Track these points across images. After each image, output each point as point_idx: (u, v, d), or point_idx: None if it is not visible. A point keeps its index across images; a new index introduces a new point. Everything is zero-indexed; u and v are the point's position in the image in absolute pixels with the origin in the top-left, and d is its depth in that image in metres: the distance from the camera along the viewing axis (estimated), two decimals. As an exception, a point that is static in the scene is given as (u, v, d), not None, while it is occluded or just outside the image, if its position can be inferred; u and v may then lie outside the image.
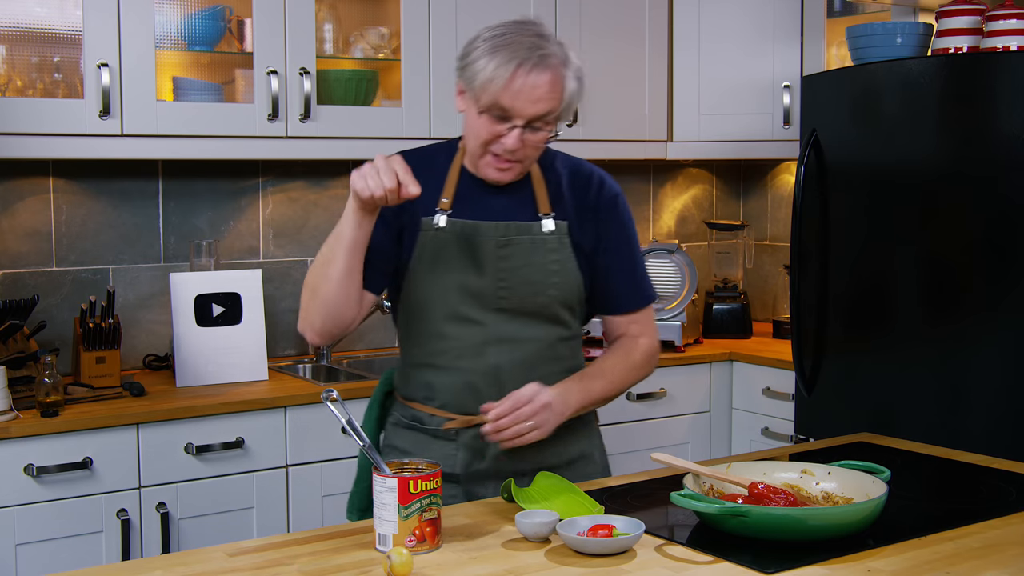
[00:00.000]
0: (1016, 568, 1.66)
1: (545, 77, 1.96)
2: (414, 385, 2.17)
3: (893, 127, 3.19)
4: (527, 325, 2.11)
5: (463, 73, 2.03)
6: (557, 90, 1.99)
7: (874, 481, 1.88)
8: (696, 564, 1.68)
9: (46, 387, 2.76)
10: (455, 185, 2.12)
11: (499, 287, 2.08)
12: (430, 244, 2.09)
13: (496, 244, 2.08)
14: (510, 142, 2.00)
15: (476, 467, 2.13)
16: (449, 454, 2.13)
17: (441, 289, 2.09)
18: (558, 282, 2.11)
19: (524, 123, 1.99)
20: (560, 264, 2.11)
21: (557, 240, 2.11)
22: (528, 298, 2.09)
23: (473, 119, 2.03)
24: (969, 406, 3.01)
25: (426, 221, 2.09)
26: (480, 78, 1.97)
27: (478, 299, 2.08)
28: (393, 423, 2.24)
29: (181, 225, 3.48)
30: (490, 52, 1.97)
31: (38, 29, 3.05)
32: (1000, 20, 3.12)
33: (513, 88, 1.95)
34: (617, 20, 3.81)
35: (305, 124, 3.26)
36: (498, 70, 1.95)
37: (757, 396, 3.76)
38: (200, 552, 1.75)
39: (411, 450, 2.16)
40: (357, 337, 3.77)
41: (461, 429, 2.12)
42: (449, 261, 2.08)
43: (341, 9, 3.52)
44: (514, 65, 1.95)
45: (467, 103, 2.04)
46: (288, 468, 3.03)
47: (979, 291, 3.00)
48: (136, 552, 2.81)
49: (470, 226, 2.08)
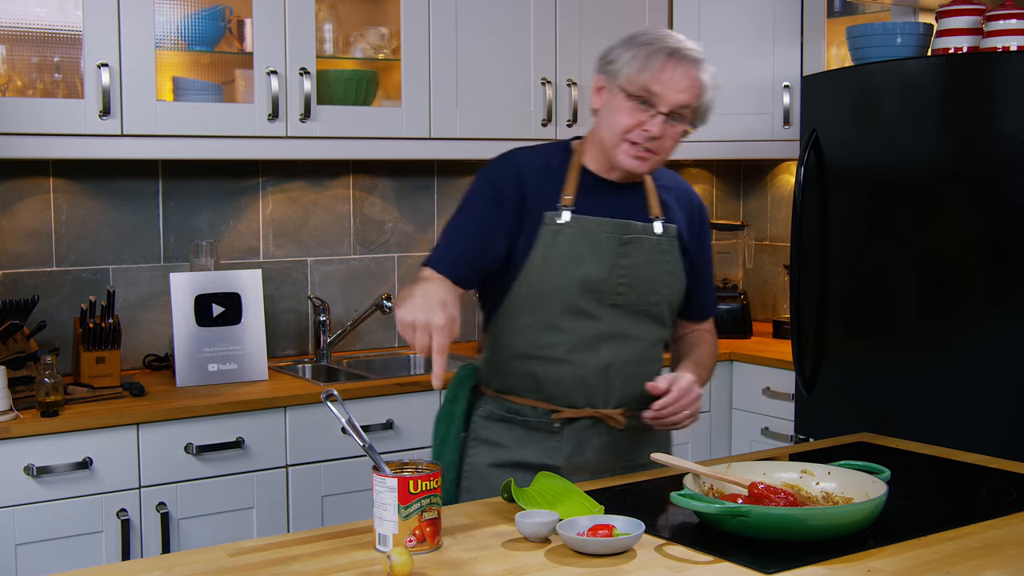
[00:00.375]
0: (1016, 568, 1.66)
1: (691, 70, 2.10)
2: (514, 378, 2.22)
3: (893, 127, 3.19)
4: (637, 323, 2.20)
5: (608, 68, 2.15)
6: (699, 85, 2.11)
7: (874, 481, 1.88)
8: (696, 564, 1.68)
9: (46, 387, 2.76)
10: (576, 183, 2.19)
11: (617, 283, 2.17)
12: (551, 238, 2.15)
13: (618, 241, 2.17)
14: (654, 128, 2.09)
15: (577, 459, 2.20)
16: (551, 446, 2.20)
17: (560, 282, 2.15)
18: (670, 282, 2.23)
19: (667, 111, 2.09)
20: (671, 265, 2.23)
21: (668, 242, 2.23)
22: (642, 296, 2.19)
23: (615, 110, 2.13)
24: (969, 406, 3.01)
25: (548, 216, 2.16)
26: (632, 65, 2.09)
27: (596, 294, 2.16)
28: (483, 416, 2.27)
29: (181, 225, 3.48)
30: (640, 45, 2.11)
31: (38, 29, 3.05)
32: (1000, 20, 3.13)
33: (663, 76, 2.08)
34: (617, 20, 3.81)
35: (305, 124, 3.26)
36: (650, 58, 2.09)
37: (757, 396, 3.76)
38: (200, 552, 1.75)
39: (505, 443, 2.22)
40: (357, 337, 3.77)
41: (566, 422, 2.19)
42: (570, 255, 2.15)
43: (341, 9, 3.53)
44: (665, 55, 2.09)
45: (608, 97, 2.15)
46: (288, 468, 3.03)
47: (979, 291, 3.00)
48: (136, 552, 2.81)
49: (593, 222, 2.16)
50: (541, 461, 2.20)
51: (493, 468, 2.22)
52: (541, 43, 3.66)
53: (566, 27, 3.70)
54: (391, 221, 3.85)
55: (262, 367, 3.24)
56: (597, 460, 2.21)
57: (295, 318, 3.69)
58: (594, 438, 2.21)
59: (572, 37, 3.71)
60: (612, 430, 2.22)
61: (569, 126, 3.69)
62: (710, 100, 2.14)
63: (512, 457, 2.21)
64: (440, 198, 3.93)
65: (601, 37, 3.77)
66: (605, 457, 2.22)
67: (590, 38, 3.75)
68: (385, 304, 3.62)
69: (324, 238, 3.73)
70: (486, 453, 2.24)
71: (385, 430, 3.16)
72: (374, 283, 3.82)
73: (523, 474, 2.16)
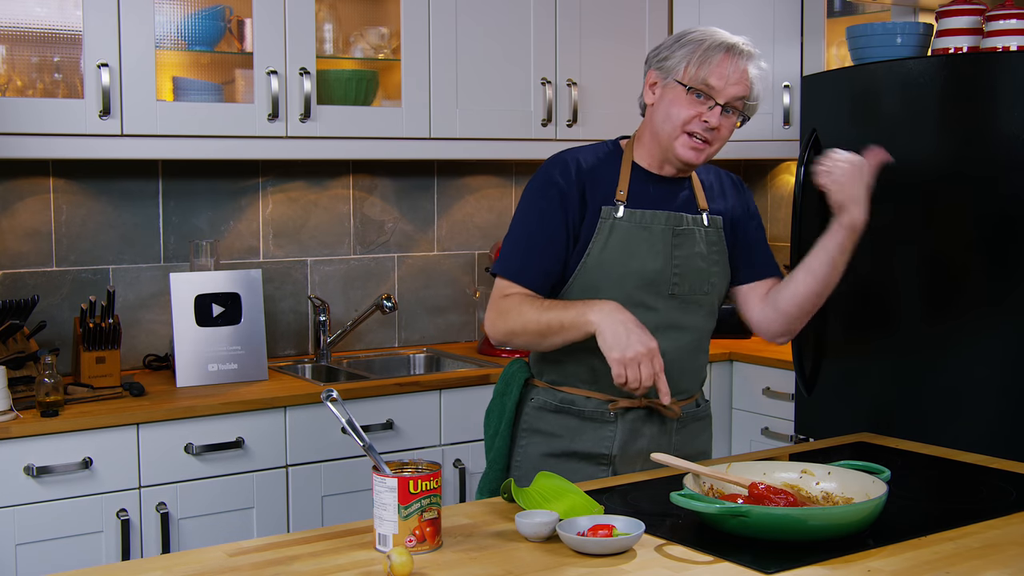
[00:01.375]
0: (1016, 568, 1.66)
1: (748, 65, 2.19)
2: (570, 369, 2.27)
3: (893, 127, 3.19)
4: (691, 313, 2.28)
5: (663, 64, 2.22)
6: (754, 79, 2.20)
7: (874, 481, 1.88)
8: (696, 564, 1.68)
9: (46, 387, 2.76)
10: (628, 179, 2.25)
11: (673, 273, 2.24)
12: (608, 232, 2.21)
13: (672, 233, 2.25)
14: (712, 119, 2.18)
15: (630, 449, 2.26)
16: (605, 436, 2.26)
17: (619, 275, 2.21)
18: (718, 271, 2.31)
19: (724, 103, 2.17)
20: (719, 256, 2.31)
21: (716, 233, 2.31)
22: (695, 286, 2.27)
23: (672, 103, 2.20)
24: (969, 406, 3.01)
25: (606, 210, 2.22)
26: (689, 63, 2.18)
27: (653, 285, 2.22)
28: (536, 407, 2.31)
29: (181, 225, 3.48)
30: (698, 40, 2.20)
31: (38, 29, 3.05)
32: (1000, 20, 3.12)
33: (722, 69, 2.17)
34: (617, 20, 3.81)
35: (305, 124, 3.26)
36: (708, 53, 2.17)
37: (757, 396, 3.76)
38: (200, 552, 1.75)
39: (560, 433, 2.27)
40: (357, 338, 3.77)
41: (620, 411, 2.25)
42: (627, 248, 2.21)
43: (341, 9, 3.53)
44: (723, 50, 2.18)
45: (663, 91, 2.22)
46: (288, 468, 3.03)
47: (979, 291, 3.00)
48: (136, 552, 2.81)
49: (648, 215, 2.24)
50: (595, 450, 2.26)
51: (547, 458, 2.28)
52: (541, 43, 3.66)
53: (566, 27, 3.70)
54: (391, 221, 3.85)
55: (262, 367, 3.24)
56: (649, 449, 2.25)
57: (295, 318, 3.69)
58: (647, 428, 2.27)
59: (572, 37, 3.71)
60: (665, 419, 2.28)
61: (569, 126, 3.69)
62: (761, 92, 2.22)
63: (567, 447, 2.27)
64: (440, 198, 3.93)
65: (601, 37, 3.81)
66: (657, 446, 2.27)
67: (590, 38, 3.75)
68: (385, 304, 3.62)
69: (324, 238, 3.73)
70: (541, 443, 2.29)
71: (385, 430, 3.16)
72: (374, 283, 3.82)
73: (576, 463, 2.24)
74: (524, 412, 2.33)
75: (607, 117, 3.78)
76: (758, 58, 2.22)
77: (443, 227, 3.94)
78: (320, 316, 3.61)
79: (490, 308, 2.23)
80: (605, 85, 3.78)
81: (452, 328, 3.98)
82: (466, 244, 3.98)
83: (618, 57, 3.82)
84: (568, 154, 2.28)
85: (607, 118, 3.78)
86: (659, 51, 2.25)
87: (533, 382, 2.34)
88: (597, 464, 2.26)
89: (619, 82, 3.82)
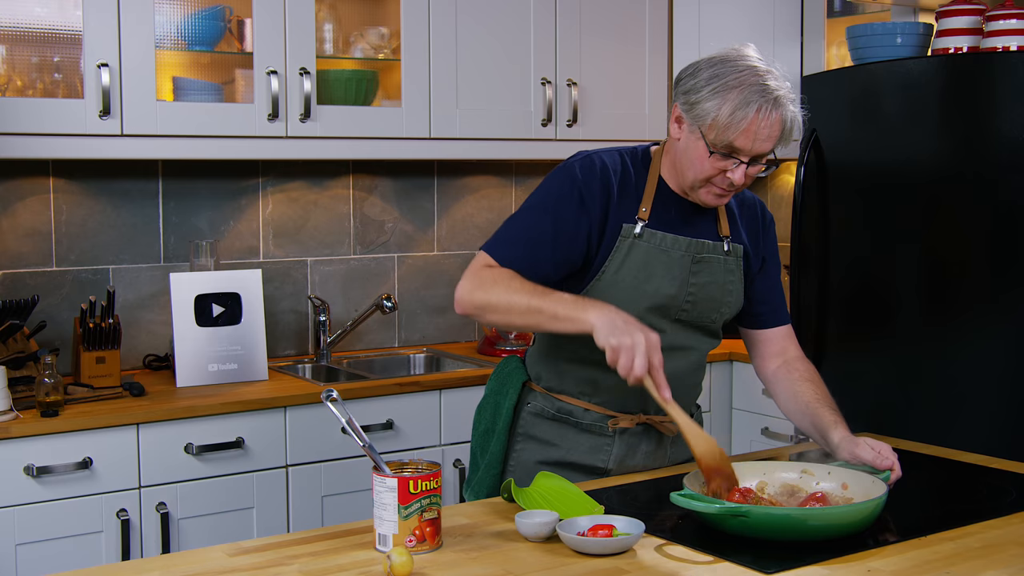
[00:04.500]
0: (1016, 568, 1.66)
1: (777, 117, 1.99)
2: (570, 380, 2.23)
3: (893, 127, 3.19)
4: (695, 336, 2.22)
5: (690, 108, 2.03)
6: (784, 126, 2.02)
7: (874, 481, 1.88)
8: (696, 564, 1.68)
9: (46, 387, 2.76)
10: (653, 195, 2.16)
11: (686, 300, 2.17)
12: (627, 251, 2.13)
13: (692, 260, 2.16)
14: (737, 178, 2.03)
15: (627, 463, 2.24)
16: (602, 449, 2.22)
17: (631, 294, 2.13)
18: (731, 301, 2.23)
19: (750, 159, 2.03)
20: (734, 285, 2.23)
21: (735, 262, 2.22)
22: (704, 313, 2.20)
23: (696, 157, 2.05)
24: (969, 406, 3.01)
25: (626, 228, 2.13)
26: (716, 120, 1.99)
27: (663, 309, 2.16)
28: (533, 413, 2.27)
29: (181, 225, 3.48)
30: (722, 92, 1.98)
31: (38, 29, 3.05)
32: (1000, 20, 3.13)
33: (751, 129, 1.98)
34: (617, 20, 3.81)
35: (305, 124, 3.26)
36: (735, 115, 1.97)
37: (757, 396, 3.75)
38: (200, 552, 1.75)
39: (556, 442, 2.24)
40: (356, 337, 3.77)
41: (620, 427, 2.21)
42: (644, 270, 2.13)
43: (341, 9, 3.53)
44: (752, 110, 1.97)
45: (688, 135, 2.06)
46: (288, 468, 3.03)
47: (979, 291, 3.00)
48: (136, 552, 2.81)
49: (669, 239, 2.15)
50: (591, 463, 2.23)
51: (541, 465, 2.23)
52: (541, 43, 3.66)
53: (566, 27, 3.70)
54: (391, 221, 3.85)
55: (262, 367, 3.24)
56: (645, 464, 2.24)
57: (295, 318, 3.69)
58: (644, 443, 2.24)
59: (572, 37, 3.71)
60: (662, 435, 2.25)
61: (569, 126, 3.69)
62: (793, 130, 2.04)
63: (563, 457, 2.23)
64: (440, 198, 3.93)
65: (601, 37, 3.81)
66: (653, 460, 2.26)
67: (590, 38, 3.75)
68: (385, 304, 3.62)
69: (324, 238, 3.73)
70: (535, 450, 2.25)
71: (385, 430, 3.16)
72: (374, 283, 3.82)
73: (571, 473, 2.20)
74: (520, 416, 2.28)
75: (607, 117, 3.78)
76: (792, 101, 2.02)
77: (443, 227, 3.94)
78: (320, 316, 3.61)
79: (467, 276, 2.06)
80: (605, 85, 3.78)
81: (452, 328, 3.98)
82: (466, 244, 3.98)
83: (618, 57, 3.82)
84: (599, 157, 2.16)
85: (607, 118, 3.78)
86: (687, 83, 2.05)
87: (530, 385, 2.29)
88: (592, 476, 2.23)
89: (619, 82, 3.82)
